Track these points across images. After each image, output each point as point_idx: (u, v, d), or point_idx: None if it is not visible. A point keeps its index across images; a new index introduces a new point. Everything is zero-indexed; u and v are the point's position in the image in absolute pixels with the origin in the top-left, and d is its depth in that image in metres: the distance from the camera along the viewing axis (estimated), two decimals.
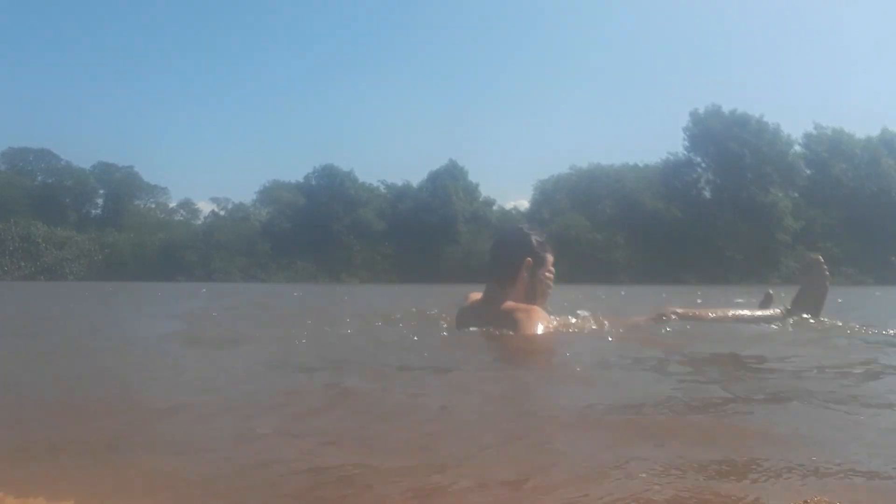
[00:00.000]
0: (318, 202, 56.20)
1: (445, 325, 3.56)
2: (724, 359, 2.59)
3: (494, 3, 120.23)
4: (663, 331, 3.37)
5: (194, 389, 2.05)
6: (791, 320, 3.54)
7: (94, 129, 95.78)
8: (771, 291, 3.78)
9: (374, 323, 4.17)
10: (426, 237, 52.92)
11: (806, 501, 1.02)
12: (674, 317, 3.50)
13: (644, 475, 1.14)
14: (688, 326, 3.47)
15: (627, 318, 3.70)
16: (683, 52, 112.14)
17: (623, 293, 14.04)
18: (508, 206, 60.91)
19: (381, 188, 59.88)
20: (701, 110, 51.03)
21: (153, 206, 69.43)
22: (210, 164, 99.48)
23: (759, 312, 3.61)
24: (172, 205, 70.61)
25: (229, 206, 66.35)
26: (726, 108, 50.38)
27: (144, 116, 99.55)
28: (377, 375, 2.20)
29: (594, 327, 3.35)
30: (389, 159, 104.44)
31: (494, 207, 58.27)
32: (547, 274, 3.22)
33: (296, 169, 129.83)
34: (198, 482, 1.16)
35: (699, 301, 9.97)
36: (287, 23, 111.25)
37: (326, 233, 54.19)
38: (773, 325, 3.51)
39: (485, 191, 59.89)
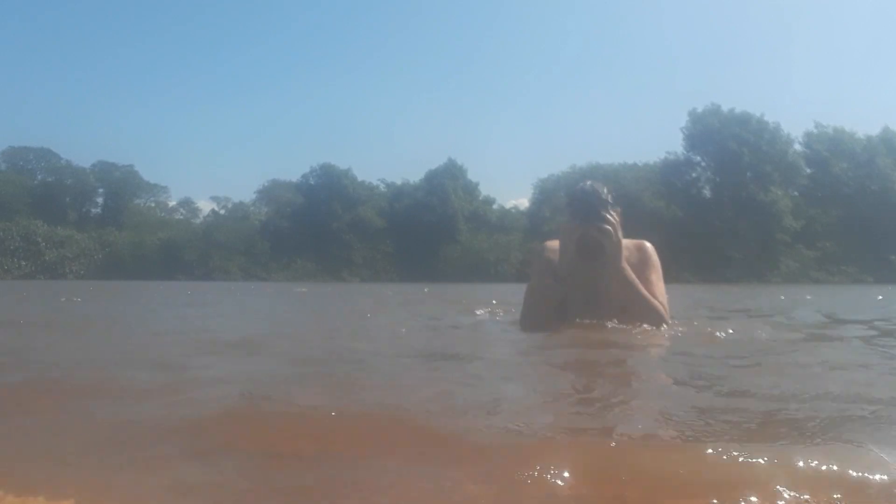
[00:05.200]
0: (317, 201, 56.05)
1: None
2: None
3: (494, 3, 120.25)
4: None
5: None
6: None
7: (94, 128, 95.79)
8: None
9: None
10: (426, 235, 52.82)
11: (807, 500, 1.01)
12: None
13: None
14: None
15: None
16: (683, 51, 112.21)
17: None
18: (508, 204, 60.84)
19: (381, 187, 59.71)
20: (700, 109, 50.83)
21: (153, 204, 69.34)
22: (210, 163, 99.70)
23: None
24: (172, 203, 70.62)
25: (229, 205, 66.36)
26: (725, 107, 50.25)
27: (144, 115, 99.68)
28: None
29: None
30: (389, 158, 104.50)
31: (494, 206, 58.17)
32: None
33: (296, 167, 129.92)
34: (200, 481, 1.15)
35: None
36: (286, 22, 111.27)
37: (326, 231, 54.08)
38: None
39: (484, 189, 59.74)
